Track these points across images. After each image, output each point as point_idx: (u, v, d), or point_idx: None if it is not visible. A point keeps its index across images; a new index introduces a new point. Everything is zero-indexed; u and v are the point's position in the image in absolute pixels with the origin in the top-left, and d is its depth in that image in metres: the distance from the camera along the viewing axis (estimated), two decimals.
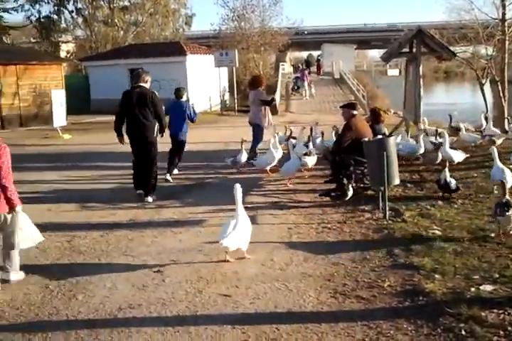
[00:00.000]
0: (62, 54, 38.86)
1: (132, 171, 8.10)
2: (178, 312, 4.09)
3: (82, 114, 23.32)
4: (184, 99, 9.74)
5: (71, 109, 17.59)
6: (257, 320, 3.94)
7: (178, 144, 9.61)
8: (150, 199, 7.73)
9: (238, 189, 5.19)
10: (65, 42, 41.02)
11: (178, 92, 9.72)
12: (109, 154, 12.52)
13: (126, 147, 8.06)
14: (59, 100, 16.59)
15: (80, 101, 23.71)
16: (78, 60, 32.01)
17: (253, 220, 6.64)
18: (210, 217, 6.85)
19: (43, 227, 6.30)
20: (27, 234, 4.94)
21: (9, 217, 4.74)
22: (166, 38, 37.80)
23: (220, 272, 4.90)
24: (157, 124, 7.83)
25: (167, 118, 8.44)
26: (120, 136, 7.87)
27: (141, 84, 7.76)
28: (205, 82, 25.13)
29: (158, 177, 8.13)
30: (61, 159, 12.05)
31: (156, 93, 7.92)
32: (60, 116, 16.57)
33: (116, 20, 36.61)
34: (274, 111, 18.00)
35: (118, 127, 7.83)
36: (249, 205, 7.40)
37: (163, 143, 8.72)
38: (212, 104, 25.07)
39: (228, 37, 34.86)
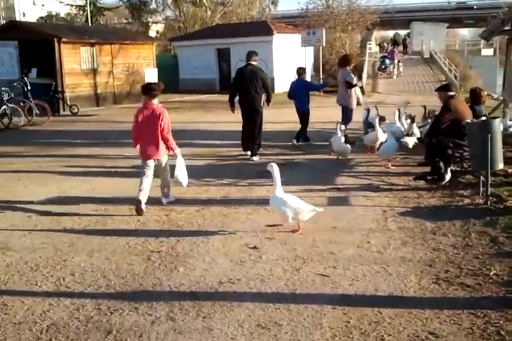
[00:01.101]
0: (152, 34, 39.98)
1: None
2: (277, 290, 4.11)
3: (171, 93, 23.90)
4: (305, 76, 11.36)
5: None
6: (358, 302, 3.88)
7: (302, 114, 10.93)
8: (255, 158, 9.20)
9: (275, 167, 5.46)
10: (155, 23, 42.13)
11: (300, 70, 11.07)
12: (198, 132, 12.79)
13: (215, 126, 8.10)
14: (151, 79, 17.04)
15: (168, 80, 24.19)
16: (168, 40, 32.72)
17: (346, 202, 6.59)
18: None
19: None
20: (180, 175, 6.53)
21: (164, 161, 6.45)
22: (252, 18, 37.82)
23: (316, 252, 4.87)
24: (264, 95, 9.20)
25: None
26: (232, 106, 9.35)
27: (252, 62, 9.17)
28: (290, 62, 24.89)
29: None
30: None
31: (264, 70, 9.28)
32: None
33: (204, 0, 37.00)
34: (361, 92, 17.57)
35: (231, 98, 9.32)
36: (340, 186, 7.33)
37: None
38: None
39: (315, 16, 34.19)
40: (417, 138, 9.16)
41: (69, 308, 3.92)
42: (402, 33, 55.41)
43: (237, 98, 9.35)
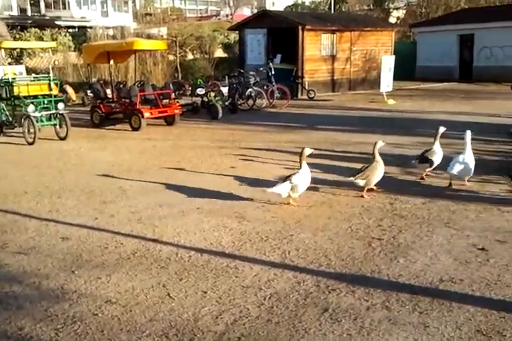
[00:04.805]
0: (392, 20, 39.31)
1: None
2: (504, 297, 3.80)
3: (406, 81, 23.38)
4: None
5: (395, 75, 17.76)
6: None
7: None
8: None
9: (468, 134, 6.65)
10: (396, 9, 41.33)
11: None
12: (432, 121, 12.29)
13: (451, 116, 7.61)
14: (388, 66, 16.87)
15: (404, 67, 23.73)
16: (408, 26, 31.91)
17: None
18: None
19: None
20: None
21: None
22: (502, 1, 34.65)
23: None
24: None
25: None
26: None
27: None
28: None
29: None
30: (383, 124, 12.36)
31: None
32: (386, 81, 16.90)
33: None
34: None
35: None
36: None
37: None
38: None
39: None
40: None
41: (291, 280, 4.19)
42: None
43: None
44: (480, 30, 24.61)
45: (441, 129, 7.21)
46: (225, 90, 14.69)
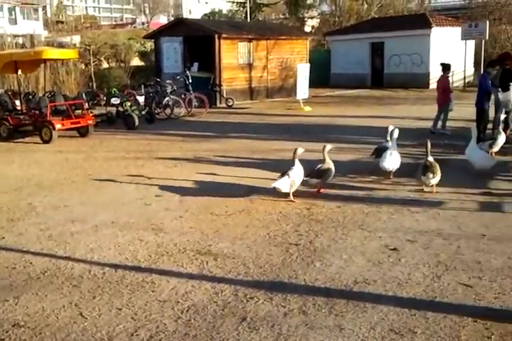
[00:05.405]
0: (307, 29, 40.38)
1: None
2: (414, 295, 3.96)
3: (321, 88, 24.02)
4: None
5: (311, 83, 18.21)
6: (503, 318, 3.59)
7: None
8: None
9: (395, 130, 7.40)
10: (311, 18, 42.44)
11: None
12: (346, 127, 12.70)
13: (363, 121, 7.86)
14: (303, 74, 17.24)
15: (320, 75, 24.38)
16: (322, 35, 32.86)
17: (500, 208, 6.11)
18: (450, 200, 6.48)
19: (283, 194, 6.68)
20: None
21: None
22: (410, 11, 36.55)
23: (460, 260, 4.60)
24: None
25: None
26: None
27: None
28: (448, 56, 23.59)
29: None
30: (300, 130, 12.60)
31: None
32: (303, 89, 17.27)
33: None
34: None
35: None
36: (494, 191, 6.84)
37: None
38: (454, 80, 23.61)
39: (479, 7, 32.22)
40: None
41: (209, 291, 4.14)
42: None
43: None
44: (389, 38, 25.74)
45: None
46: (141, 99, 14.44)
